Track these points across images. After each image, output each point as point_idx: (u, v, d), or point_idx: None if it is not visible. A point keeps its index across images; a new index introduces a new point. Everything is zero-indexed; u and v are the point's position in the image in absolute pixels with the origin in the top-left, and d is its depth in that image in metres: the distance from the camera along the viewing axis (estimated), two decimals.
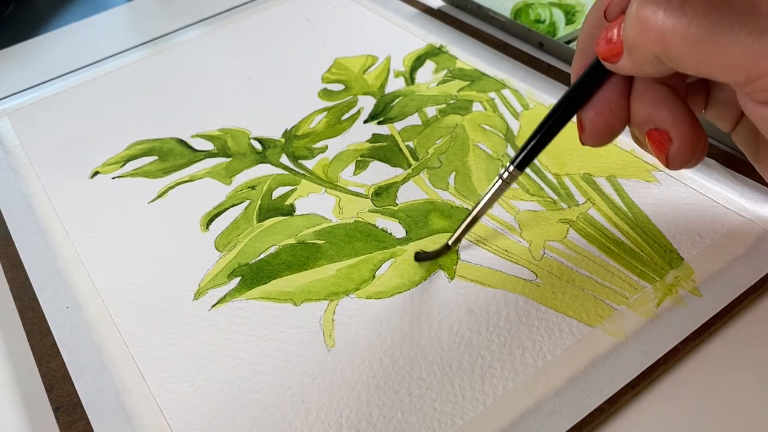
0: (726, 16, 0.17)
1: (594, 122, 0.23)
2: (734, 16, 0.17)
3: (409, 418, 0.21)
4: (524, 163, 0.23)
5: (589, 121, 0.23)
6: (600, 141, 0.23)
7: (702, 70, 0.19)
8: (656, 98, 0.22)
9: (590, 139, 0.23)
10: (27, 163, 0.34)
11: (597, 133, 0.23)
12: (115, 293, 0.27)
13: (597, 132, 0.23)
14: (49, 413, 0.23)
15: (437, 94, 0.35)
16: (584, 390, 0.21)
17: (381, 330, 0.24)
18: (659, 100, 0.22)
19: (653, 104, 0.22)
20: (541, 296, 0.24)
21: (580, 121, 0.24)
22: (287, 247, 0.27)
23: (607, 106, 0.23)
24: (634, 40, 0.20)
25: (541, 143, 0.23)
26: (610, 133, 0.23)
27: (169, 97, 0.38)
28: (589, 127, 0.23)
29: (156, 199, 0.31)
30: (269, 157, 0.32)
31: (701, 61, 0.18)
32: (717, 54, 0.18)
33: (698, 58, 0.18)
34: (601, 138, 0.23)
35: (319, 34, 0.42)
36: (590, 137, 0.23)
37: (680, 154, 0.21)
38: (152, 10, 0.48)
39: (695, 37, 0.18)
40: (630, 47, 0.20)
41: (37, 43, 0.46)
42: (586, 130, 0.23)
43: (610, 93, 0.23)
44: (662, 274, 0.25)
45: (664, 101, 0.22)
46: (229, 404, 0.22)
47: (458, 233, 0.25)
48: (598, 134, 0.23)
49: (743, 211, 0.27)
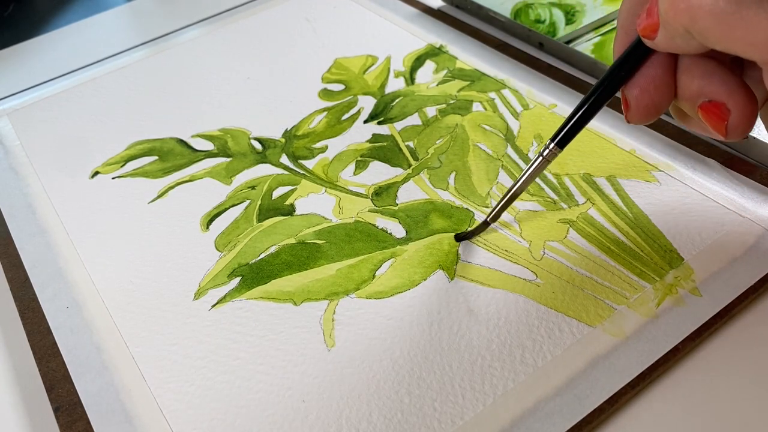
0: None
1: (639, 99, 0.23)
2: None
3: (409, 418, 0.21)
4: (565, 140, 0.24)
5: (634, 99, 0.23)
6: (646, 118, 0.23)
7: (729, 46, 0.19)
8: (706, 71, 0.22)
9: (636, 117, 0.23)
10: (27, 163, 0.34)
11: (642, 110, 0.23)
12: (115, 293, 0.27)
13: (642, 109, 0.23)
14: (49, 413, 0.23)
15: (437, 94, 0.35)
16: (584, 390, 0.21)
17: (381, 330, 0.24)
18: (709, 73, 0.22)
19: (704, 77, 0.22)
20: (541, 296, 0.24)
21: (625, 99, 0.24)
22: (287, 247, 0.27)
23: (652, 83, 0.23)
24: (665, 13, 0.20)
25: (583, 120, 0.23)
26: (655, 109, 0.23)
27: (169, 97, 0.38)
28: (634, 104, 0.23)
29: (156, 199, 0.31)
30: (269, 157, 0.32)
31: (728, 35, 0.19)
32: (744, 29, 0.18)
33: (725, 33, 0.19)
34: (647, 115, 0.23)
35: (319, 34, 0.42)
36: (636, 114, 0.23)
37: (740, 123, 0.21)
38: (152, 10, 0.48)
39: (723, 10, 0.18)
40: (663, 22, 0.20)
41: (37, 43, 0.46)
42: (632, 107, 0.23)
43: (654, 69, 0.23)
44: (662, 274, 0.25)
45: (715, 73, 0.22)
46: (229, 404, 0.22)
47: (497, 209, 0.26)
48: (644, 111, 0.23)
49: (743, 211, 0.27)
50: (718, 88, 0.21)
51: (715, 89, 0.22)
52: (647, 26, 0.22)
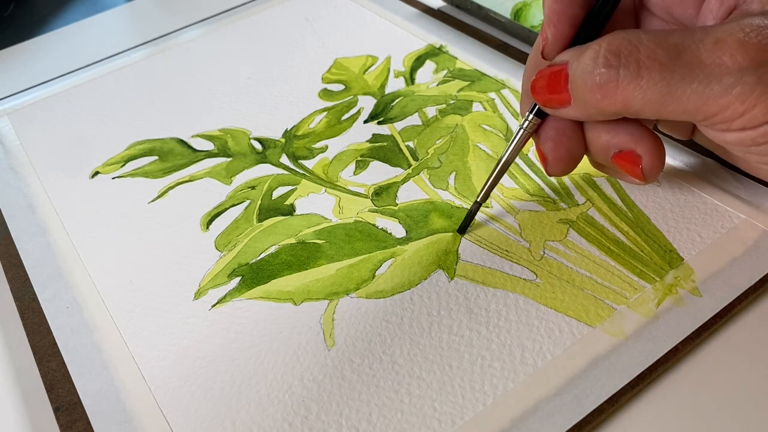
0: (677, 71, 0.20)
1: (555, 151, 0.24)
2: (684, 70, 0.20)
3: (409, 418, 0.21)
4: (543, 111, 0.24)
5: (550, 151, 0.25)
6: (564, 169, 0.25)
7: (663, 116, 0.21)
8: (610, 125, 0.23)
9: (555, 168, 0.25)
10: (27, 163, 0.34)
11: (560, 161, 0.24)
12: (115, 293, 0.27)
13: (560, 160, 0.24)
14: (49, 413, 0.23)
15: (437, 95, 0.35)
16: (584, 390, 0.21)
17: (381, 330, 0.24)
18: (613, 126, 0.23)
19: (609, 131, 0.24)
20: (541, 296, 0.24)
21: (542, 153, 0.25)
22: (287, 247, 0.27)
23: (563, 135, 0.24)
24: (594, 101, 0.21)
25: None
26: (572, 159, 0.25)
27: (169, 97, 0.38)
28: (551, 156, 0.25)
29: (156, 199, 0.31)
30: (269, 157, 0.32)
31: (662, 110, 0.20)
32: (676, 104, 0.20)
33: (659, 109, 0.20)
34: (565, 165, 0.25)
35: (319, 34, 0.42)
36: (554, 166, 0.25)
37: (654, 166, 0.23)
38: (152, 10, 0.48)
39: (655, 95, 0.20)
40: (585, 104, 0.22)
41: (37, 43, 0.46)
42: (549, 160, 0.25)
43: (564, 123, 0.24)
44: (662, 274, 0.25)
45: (619, 125, 0.23)
46: (229, 404, 0.22)
47: (486, 188, 0.26)
48: (562, 162, 0.24)
49: (743, 211, 0.27)
50: (625, 138, 0.23)
51: (623, 139, 0.23)
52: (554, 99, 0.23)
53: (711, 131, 0.21)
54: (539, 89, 0.23)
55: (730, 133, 0.21)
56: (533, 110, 0.24)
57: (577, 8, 0.23)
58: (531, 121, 0.24)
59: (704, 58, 0.19)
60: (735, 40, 0.19)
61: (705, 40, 0.20)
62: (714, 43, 0.19)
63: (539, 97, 0.23)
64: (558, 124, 0.24)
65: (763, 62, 0.19)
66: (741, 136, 0.21)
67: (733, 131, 0.21)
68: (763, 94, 0.19)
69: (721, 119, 0.20)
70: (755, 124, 0.20)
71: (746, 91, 0.19)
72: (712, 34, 0.20)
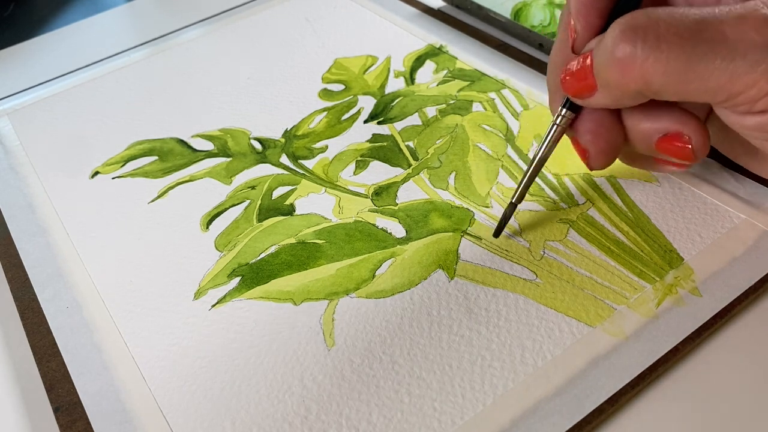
0: (699, 46, 0.19)
1: (595, 144, 0.24)
2: (706, 45, 0.19)
3: (409, 418, 0.21)
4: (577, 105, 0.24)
5: (590, 144, 0.24)
6: (607, 161, 0.24)
7: (684, 96, 0.20)
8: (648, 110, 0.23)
9: (597, 161, 0.24)
10: (27, 163, 0.34)
11: (602, 153, 0.24)
12: (115, 293, 0.27)
13: (602, 152, 0.24)
14: (49, 413, 0.23)
15: (437, 95, 0.35)
16: (584, 390, 0.21)
17: (381, 330, 0.24)
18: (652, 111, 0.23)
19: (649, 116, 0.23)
20: (541, 296, 0.24)
21: (582, 148, 0.24)
22: (287, 247, 0.27)
23: (602, 126, 0.23)
24: (615, 80, 0.20)
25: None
26: (613, 150, 0.24)
27: (169, 97, 0.38)
28: (593, 150, 0.24)
29: (156, 199, 0.31)
30: (269, 157, 0.32)
31: (683, 89, 0.20)
32: (698, 81, 0.19)
33: (680, 88, 0.20)
34: (607, 157, 0.24)
35: (319, 34, 0.42)
36: (597, 159, 0.24)
37: (703, 143, 0.22)
38: (152, 10, 0.48)
39: (675, 70, 0.19)
40: (608, 85, 0.21)
41: (37, 43, 0.46)
42: (591, 153, 0.24)
43: (600, 113, 0.23)
44: (662, 274, 0.25)
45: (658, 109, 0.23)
46: (229, 404, 0.22)
47: (521, 189, 0.25)
48: (604, 154, 0.24)
49: (743, 211, 0.27)
50: (669, 121, 0.22)
51: (667, 123, 0.22)
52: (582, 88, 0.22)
53: (731, 115, 0.21)
54: (568, 80, 0.22)
55: (750, 116, 0.20)
56: (566, 104, 0.24)
57: (606, 1, 0.22)
58: (565, 116, 0.24)
59: (728, 33, 0.19)
60: (760, 15, 0.18)
61: (729, 16, 0.19)
62: (738, 18, 0.19)
63: (568, 87, 0.23)
64: (595, 116, 0.23)
65: None
66: (762, 120, 0.20)
67: (755, 114, 0.20)
68: None
69: (744, 99, 0.19)
70: None
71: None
72: (735, 10, 0.19)
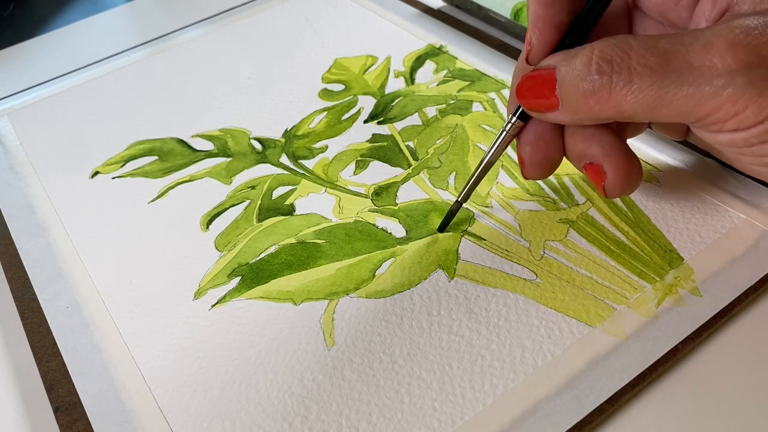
0: (668, 76, 0.20)
1: (533, 156, 0.25)
2: (674, 74, 0.20)
3: (409, 418, 0.21)
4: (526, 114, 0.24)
5: (527, 156, 0.25)
6: (541, 173, 0.25)
7: (656, 119, 0.21)
8: (587, 135, 0.23)
9: (531, 173, 0.25)
10: (27, 163, 0.34)
11: (537, 166, 0.25)
12: (115, 293, 0.27)
13: (537, 165, 0.25)
14: (49, 413, 0.23)
15: (437, 95, 0.35)
16: (584, 390, 0.21)
17: (381, 330, 0.24)
18: (589, 136, 0.23)
19: (584, 140, 0.24)
20: (541, 296, 0.24)
21: (520, 157, 0.25)
22: (287, 247, 0.27)
23: (542, 140, 0.24)
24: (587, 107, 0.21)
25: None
26: (549, 165, 0.25)
27: (169, 97, 0.38)
28: (528, 161, 0.25)
29: (156, 199, 0.31)
30: (269, 157, 0.32)
31: (654, 114, 0.20)
32: (668, 107, 0.20)
33: (652, 114, 0.21)
34: (542, 170, 0.25)
35: (319, 34, 0.42)
36: (531, 170, 0.25)
37: (615, 185, 0.23)
38: (152, 10, 0.48)
39: (647, 99, 0.20)
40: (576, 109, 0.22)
41: (37, 43, 0.46)
42: (527, 164, 0.25)
43: (543, 128, 0.24)
44: (662, 274, 0.25)
45: (594, 137, 0.23)
46: (229, 404, 0.22)
47: (467, 188, 0.26)
48: (539, 167, 0.25)
49: (743, 211, 0.27)
50: (597, 152, 0.23)
51: (594, 152, 0.23)
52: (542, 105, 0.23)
53: (704, 132, 0.21)
54: (525, 93, 0.23)
55: (722, 134, 0.21)
56: (516, 113, 0.24)
57: (563, 14, 0.23)
58: (514, 124, 0.24)
59: (694, 61, 0.19)
60: (724, 41, 0.19)
61: (695, 44, 0.19)
62: (704, 45, 0.19)
63: (525, 101, 0.23)
64: (537, 129, 0.24)
65: (753, 64, 0.19)
66: (733, 137, 0.21)
67: (726, 132, 0.21)
68: (754, 96, 0.19)
69: (713, 120, 0.20)
70: (747, 125, 0.20)
71: (737, 93, 0.19)
72: (701, 37, 0.20)
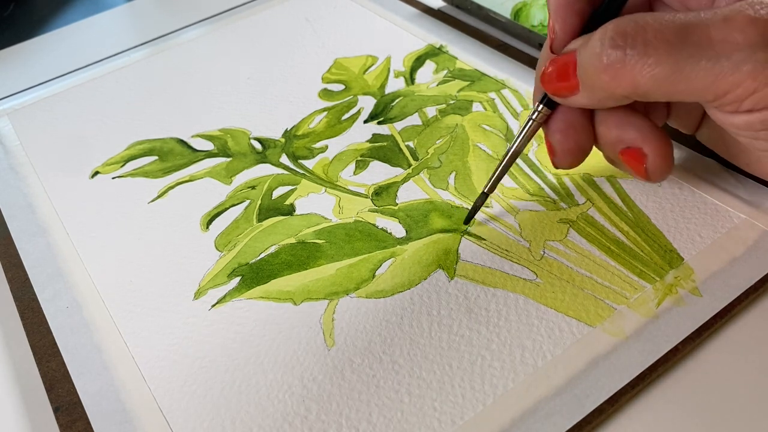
0: (685, 49, 0.19)
1: (563, 144, 0.24)
2: (692, 48, 0.19)
3: (409, 418, 0.21)
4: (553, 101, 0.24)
5: (558, 143, 0.24)
6: (572, 161, 0.25)
7: (672, 97, 0.20)
8: (620, 120, 0.23)
9: (562, 161, 0.25)
10: (27, 163, 0.34)
11: (568, 153, 0.24)
12: (115, 293, 0.27)
13: (568, 152, 0.24)
14: (49, 413, 0.23)
15: (437, 95, 0.35)
16: (584, 390, 0.21)
17: (381, 330, 0.24)
18: (623, 121, 0.23)
19: (618, 126, 0.23)
20: (541, 296, 0.24)
21: (550, 145, 0.25)
22: (287, 247, 0.27)
23: (572, 127, 0.24)
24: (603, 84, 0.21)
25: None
26: (580, 152, 0.25)
27: (169, 97, 0.38)
28: (559, 149, 0.24)
29: (156, 199, 0.31)
30: (269, 157, 0.32)
31: (671, 90, 0.20)
32: (685, 83, 0.20)
33: (668, 89, 0.20)
34: (574, 158, 0.24)
35: (319, 34, 0.42)
36: (562, 159, 0.24)
37: (657, 165, 0.23)
38: (152, 10, 0.48)
39: (663, 74, 0.20)
40: (594, 88, 0.22)
41: (37, 43, 0.46)
42: (558, 152, 0.24)
43: (572, 113, 0.24)
44: (662, 274, 0.25)
45: (629, 121, 0.23)
46: (229, 404, 0.22)
47: (493, 180, 0.26)
48: (569, 154, 0.24)
49: (743, 211, 0.27)
50: (634, 135, 0.23)
51: (631, 136, 0.23)
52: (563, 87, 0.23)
53: (719, 114, 0.21)
54: (548, 78, 0.23)
55: (738, 115, 0.20)
56: (543, 100, 0.24)
57: (583, 2, 0.23)
58: (540, 112, 0.24)
59: (713, 35, 0.19)
60: (745, 17, 0.19)
61: (714, 18, 0.19)
62: (723, 20, 0.19)
63: (548, 86, 0.23)
64: (567, 116, 0.24)
65: None
66: (750, 118, 0.20)
67: (742, 113, 0.20)
68: None
69: (731, 98, 0.20)
70: (766, 104, 0.19)
71: (758, 68, 0.19)
72: (720, 13, 0.19)
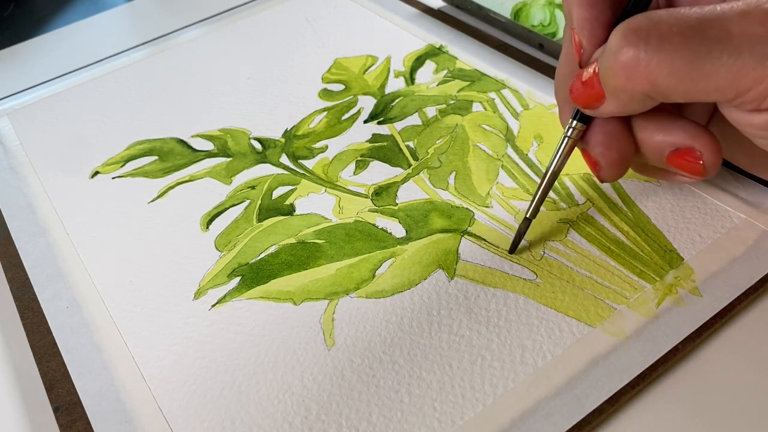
0: (704, 44, 0.18)
1: (607, 156, 0.23)
2: (711, 43, 0.18)
3: (409, 418, 0.21)
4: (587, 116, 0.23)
5: (602, 157, 0.23)
6: (618, 172, 0.24)
7: (692, 96, 0.20)
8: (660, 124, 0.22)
9: (608, 174, 0.23)
10: (27, 163, 0.34)
11: (614, 165, 0.23)
12: (115, 293, 0.27)
13: (613, 165, 0.23)
14: (49, 413, 0.23)
15: (437, 95, 0.35)
16: (584, 390, 0.21)
17: (381, 330, 0.24)
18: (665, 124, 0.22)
19: (661, 130, 0.22)
20: (541, 296, 0.24)
21: (593, 160, 0.24)
22: (287, 247, 0.27)
23: (614, 139, 0.23)
24: (621, 85, 0.20)
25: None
26: (625, 163, 0.23)
27: (169, 97, 0.38)
28: (604, 162, 0.23)
29: (156, 199, 0.31)
30: (269, 157, 0.32)
31: (691, 89, 0.19)
32: (705, 80, 0.19)
33: (688, 87, 0.19)
34: (619, 169, 0.23)
35: (319, 34, 0.42)
36: (608, 172, 0.23)
37: (713, 161, 0.22)
38: (152, 10, 0.48)
39: (681, 70, 0.19)
40: (615, 91, 0.21)
41: (37, 43, 0.46)
42: (602, 166, 0.23)
43: (611, 126, 0.23)
44: (662, 274, 0.25)
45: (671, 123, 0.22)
46: (229, 404, 0.22)
47: (534, 203, 0.25)
48: (615, 166, 0.23)
49: (743, 211, 0.27)
50: (682, 136, 0.22)
51: (679, 137, 0.22)
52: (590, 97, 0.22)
53: (737, 114, 0.20)
54: (576, 92, 0.22)
55: (758, 114, 0.20)
56: (576, 116, 0.23)
57: (608, 13, 0.22)
58: (575, 128, 0.23)
59: (732, 29, 0.18)
60: (763, 10, 0.18)
61: (731, 12, 0.18)
62: (741, 14, 0.18)
63: (577, 99, 0.22)
64: (606, 128, 0.23)
65: None
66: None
67: (763, 111, 0.19)
68: None
69: (753, 96, 0.19)
70: None
71: None
72: (737, 7, 0.19)
